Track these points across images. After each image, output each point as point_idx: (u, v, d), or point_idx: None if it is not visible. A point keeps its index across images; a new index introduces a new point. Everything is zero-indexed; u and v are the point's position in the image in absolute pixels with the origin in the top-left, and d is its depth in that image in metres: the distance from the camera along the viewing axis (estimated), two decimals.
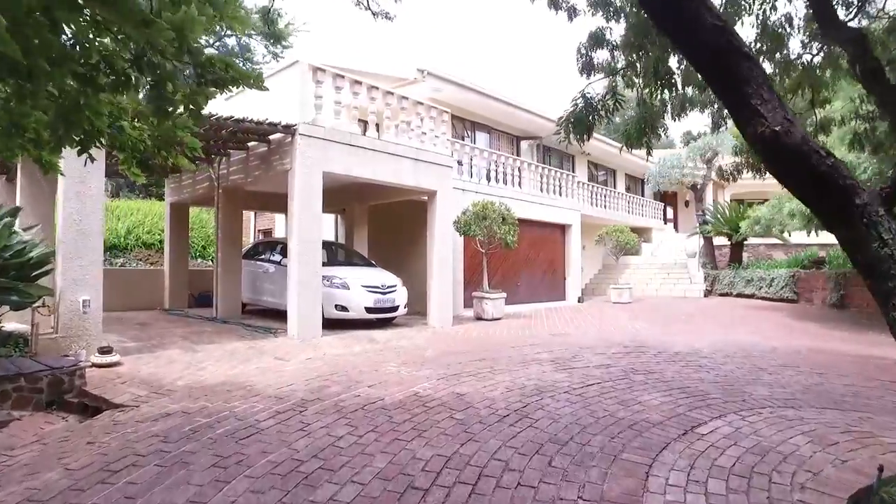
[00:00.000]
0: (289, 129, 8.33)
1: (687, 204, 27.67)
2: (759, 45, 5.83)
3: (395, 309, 9.85)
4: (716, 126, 6.62)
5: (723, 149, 17.85)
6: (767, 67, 6.34)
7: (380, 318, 9.82)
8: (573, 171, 18.96)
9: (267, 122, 8.07)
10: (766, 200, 24.00)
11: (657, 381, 6.13)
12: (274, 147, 8.90)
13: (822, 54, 5.78)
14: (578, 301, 16.78)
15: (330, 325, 9.48)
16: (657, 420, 4.69)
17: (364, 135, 9.41)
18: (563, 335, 9.72)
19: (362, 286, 9.46)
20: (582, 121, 5.24)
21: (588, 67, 5.43)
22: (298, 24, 28.06)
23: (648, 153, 5.96)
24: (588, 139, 5.43)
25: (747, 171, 8.56)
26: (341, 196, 12.61)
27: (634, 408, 5.06)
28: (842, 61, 5.75)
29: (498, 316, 11.79)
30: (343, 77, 9.04)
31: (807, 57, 6.06)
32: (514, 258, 14.87)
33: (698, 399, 5.43)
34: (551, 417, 4.72)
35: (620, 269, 18.78)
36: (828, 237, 19.43)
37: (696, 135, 40.22)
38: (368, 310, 9.42)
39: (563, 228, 17.00)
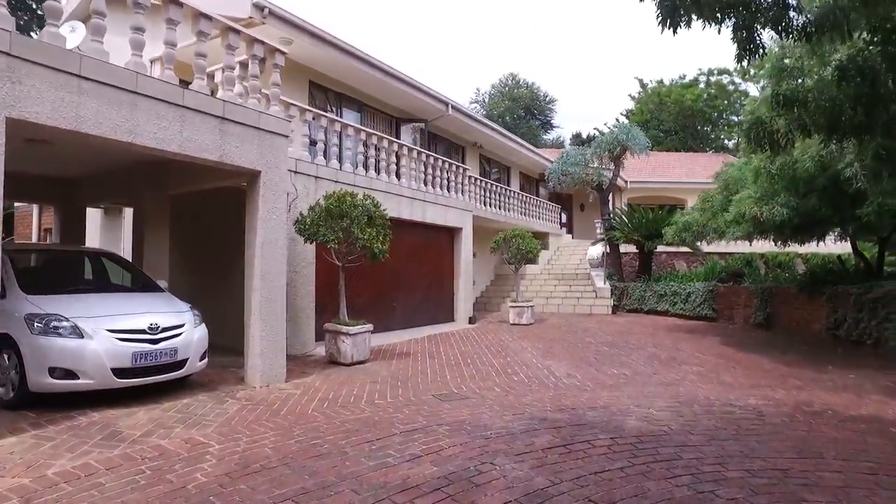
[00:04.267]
0: None
1: (583, 208, 25.83)
2: None
3: (176, 366, 5.83)
4: None
5: (633, 144, 15.62)
6: None
7: (150, 383, 5.75)
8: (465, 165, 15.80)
9: None
10: (671, 206, 22.56)
11: None
12: None
13: None
14: (470, 322, 13.62)
15: (48, 402, 5.31)
16: None
17: (120, 65, 5.38)
18: (456, 399, 6.32)
19: (111, 331, 5.36)
20: None
21: None
22: None
23: None
24: None
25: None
26: (121, 178, 8.33)
27: None
28: None
29: (361, 358, 8.18)
30: None
31: None
32: (389, 271, 11.34)
33: None
34: None
35: (516, 279, 15.92)
36: (740, 246, 18.01)
37: (586, 137, 39.52)
38: (121, 372, 5.33)
39: (452, 232, 13.76)
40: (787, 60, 11.21)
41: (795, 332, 11.56)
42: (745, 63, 4.65)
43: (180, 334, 5.86)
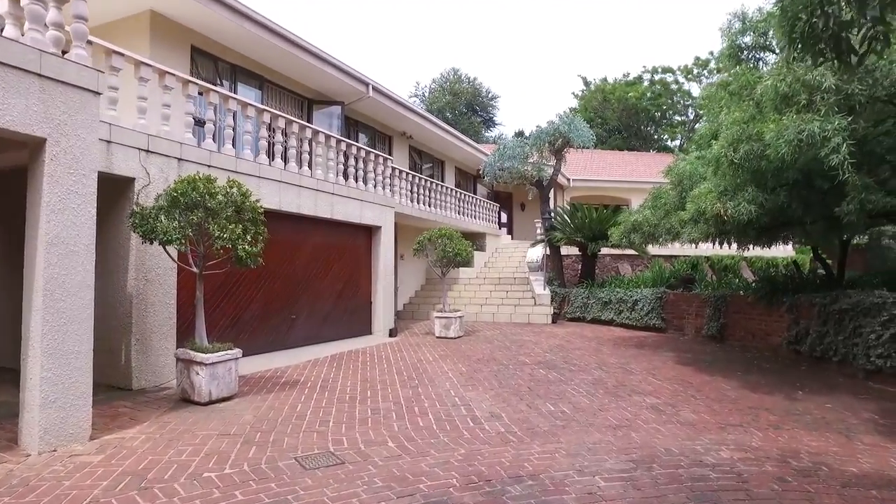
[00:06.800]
0: None
1: (523, 207, 24.42)
2: None
3: None
4: None
5: (576, 136, 14.17)
6: None
7: None
8: (390, 156, 13.90)
9: None
10: (615, 206, 21.41)
11: None
12: None
13: None
14: (391, 335, 11.76)
15: None
16: None
17: None
18: (325, 466, 4.44)
19: None
20: None
21: None
22: None
23: None
24: None
25: None
26: None
27: None
28: None
29: (223, 394, 6.19)
30: None
31: None
32: (288, 276, 9.37)
33: None
34: None
35: (448, 283, 14.18)
36: (686, 249, 16.95)
37: (528, 134, 38.29)
38: None
39: (369, 231, 11.87)
40: (747, 39, 9.93)
41: (752, 346, 10.33)
42: None
43: None
